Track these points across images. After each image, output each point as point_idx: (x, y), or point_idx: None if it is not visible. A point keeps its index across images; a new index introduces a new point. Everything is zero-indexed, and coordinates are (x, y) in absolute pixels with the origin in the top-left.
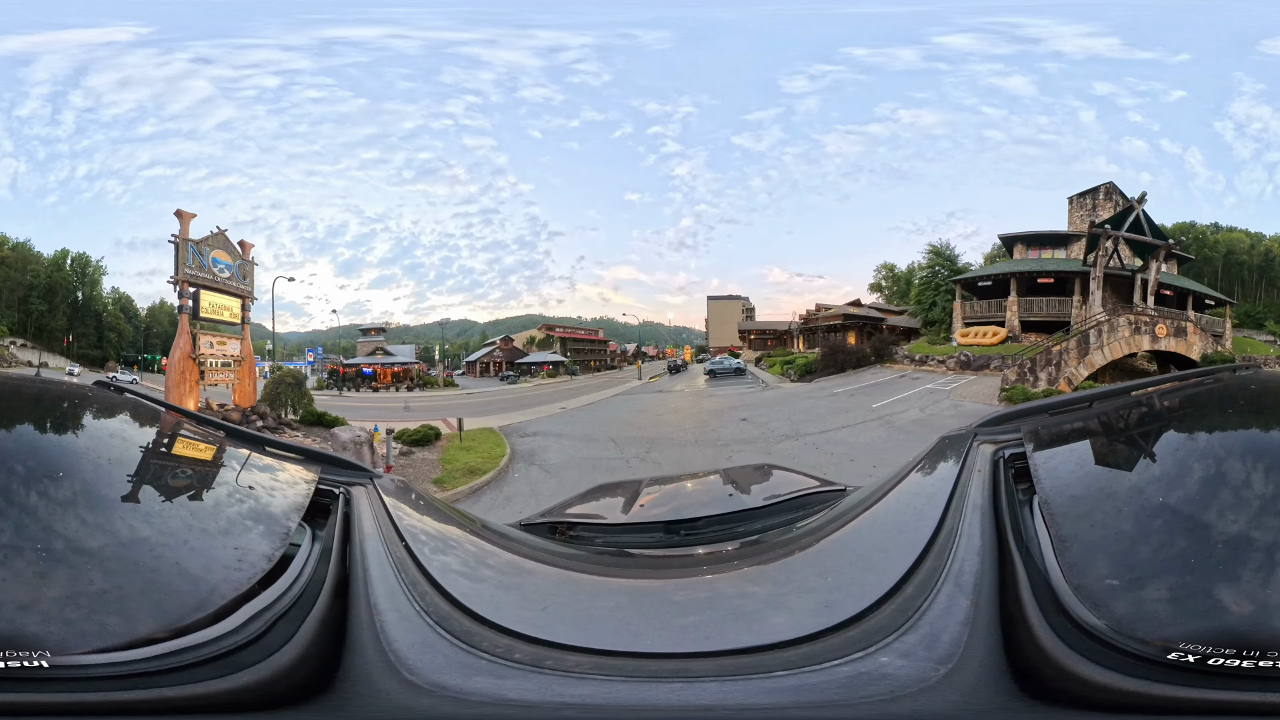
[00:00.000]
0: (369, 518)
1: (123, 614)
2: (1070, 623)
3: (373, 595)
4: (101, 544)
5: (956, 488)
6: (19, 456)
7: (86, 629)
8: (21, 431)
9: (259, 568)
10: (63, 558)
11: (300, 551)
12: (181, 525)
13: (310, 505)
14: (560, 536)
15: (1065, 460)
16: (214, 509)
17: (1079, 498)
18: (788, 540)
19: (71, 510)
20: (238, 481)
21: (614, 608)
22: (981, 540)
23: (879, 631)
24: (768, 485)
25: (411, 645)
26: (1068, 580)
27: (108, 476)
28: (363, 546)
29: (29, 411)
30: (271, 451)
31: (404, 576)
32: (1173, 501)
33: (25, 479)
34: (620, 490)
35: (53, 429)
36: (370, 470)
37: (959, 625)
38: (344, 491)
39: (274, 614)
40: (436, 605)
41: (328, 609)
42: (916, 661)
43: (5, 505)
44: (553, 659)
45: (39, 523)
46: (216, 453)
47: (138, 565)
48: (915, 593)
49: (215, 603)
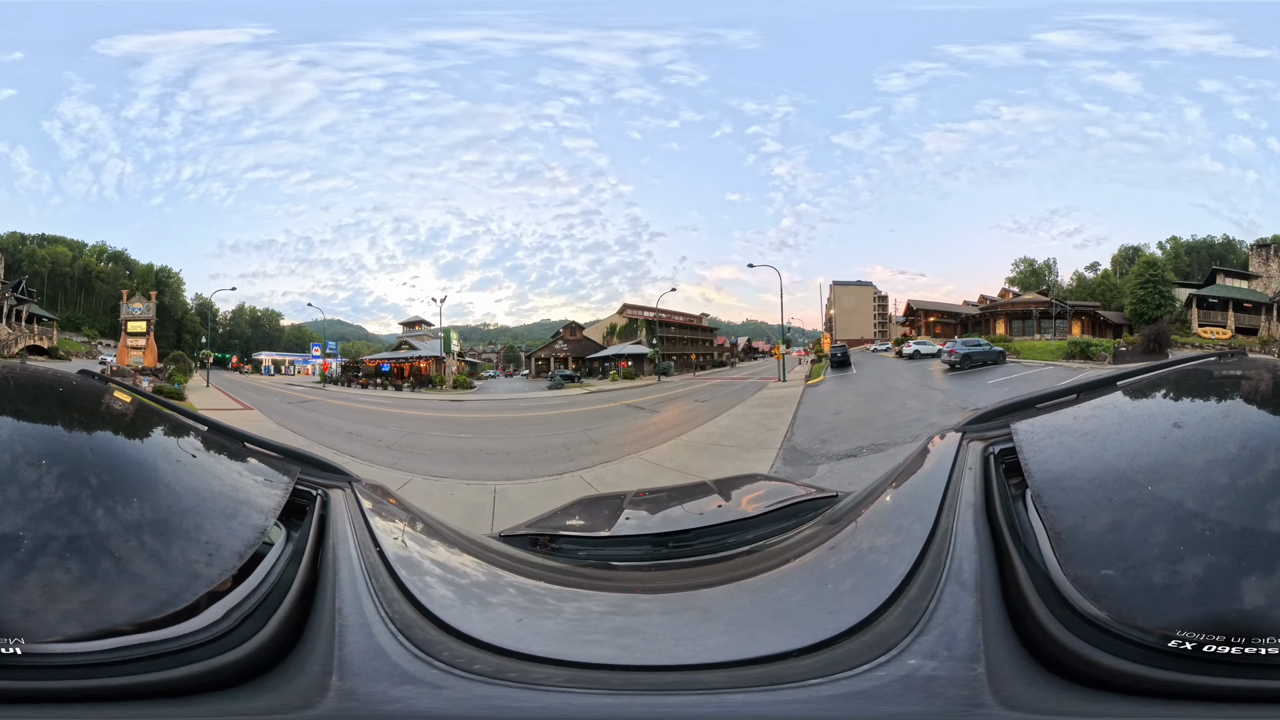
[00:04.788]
0: (344, 521)
1: (93, 605)
2: (1074, 613)
3: (339, 599)
4: (75, 534)
5: (949, 487)
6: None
7: (56, 619)
8: (5, 416)
9: (230, 565)
10: (38, 547)
11: (272, 551)
12: (156, 518)
13: (287, 506)
14: (542, 548)
15: (1055, 454)
16: (189, 503)
17: (1071, 490)
18: (783, 549)
19: (48, 500)
20: (215, 477)
21: (597, 619)
22: (977, 537)
23: (893, 634)
24: (758, 495)
25: (363, 651)
26: (1066, 572)
27: (85, 467)
28: (335, 550)
29: (8, 400)
30: (251, 449)
31: (373, 582)
32: (1163, 491)
33: (3, 468)
34: (606, 503)
35: (31, 418)
36: (349, 474)
37: (971, 623)
38: (321, 493)
39: (241, 613)
40: (402, 612)
41: (291, 610)
42: (943, 661)
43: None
44: (517, 670)
45: (14, 512)
46: (195, 447)
47: (111, 556)
48: (919, 594)
49: (185, 599)
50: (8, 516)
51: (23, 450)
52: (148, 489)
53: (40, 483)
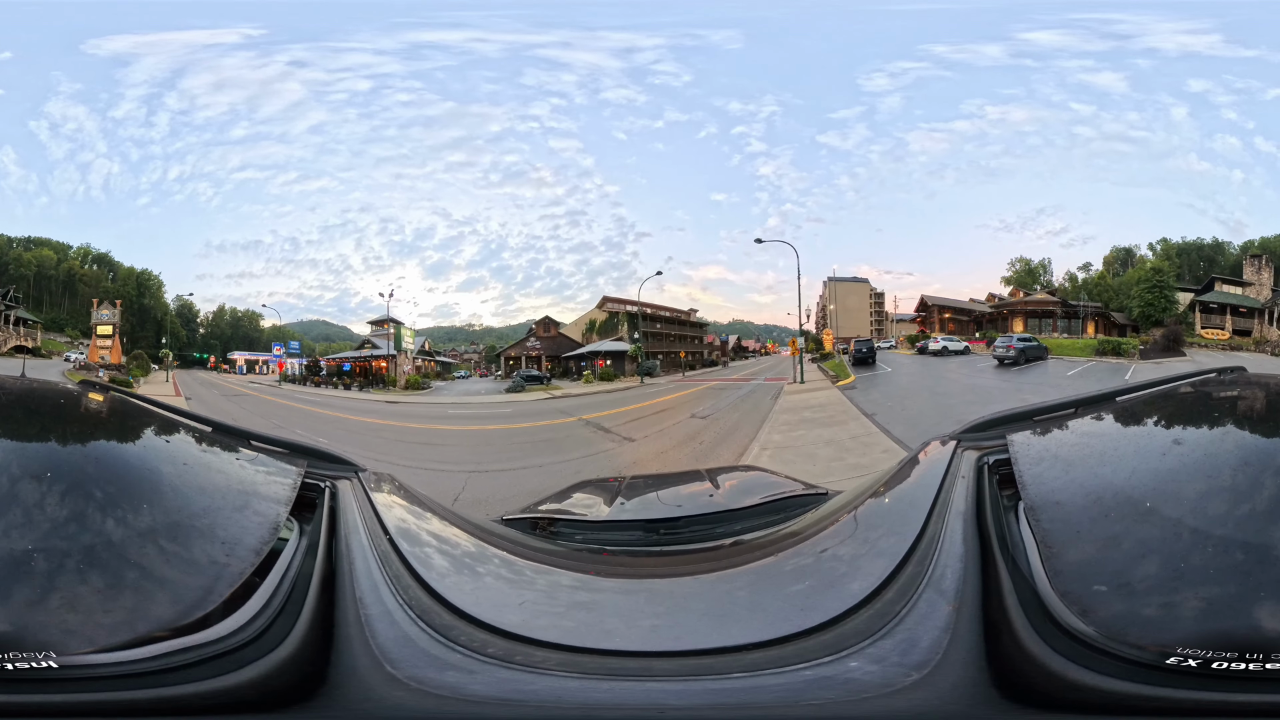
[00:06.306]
0: (354, 511)
1: (121, 613)
2: (1057, 628)
3: (358, 589)
4: (93, 543)
5: (940, 494)
6: (8, 457)
7: (89, 629)
8: (9, 432)
9: (248, 562)
10: (60, 558)
11: (288, 546)
12: (170, 521)
13: (297, 500)
14: (541, 532)
15: (1051, 466)
16: (202, 504)
17: (1065, 504)
18: (768, 542)
19: (64, 510)
20: (224, 476)
21: (588, 604)
22: (964, 546)
23: (854, 636)
24: (750, 487)
25: (394, 639)
26: (1054, 587)
27: (96, 474)
28: (348, 540)
29: (15, 412)
30: (257, 445)
31: (388, 570)
32: (1160, 507)
33: (16, 480)
34: (603, 487)
35: (40, 429)
36: (355, 464)
37: (938, 631)
38: (330, 485)
39: (271, 611)
40: (418, 599)
41: (316, 604)
42: (887, 666)
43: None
44: (523, 654)
45: (33, 523)
46: (203, 448)
47: (130, 563)
48: (895, 598)
49: (213, 600)
50: (23, 529)
51: (30, 462)
52: (160, 493)
53: (53, 494)
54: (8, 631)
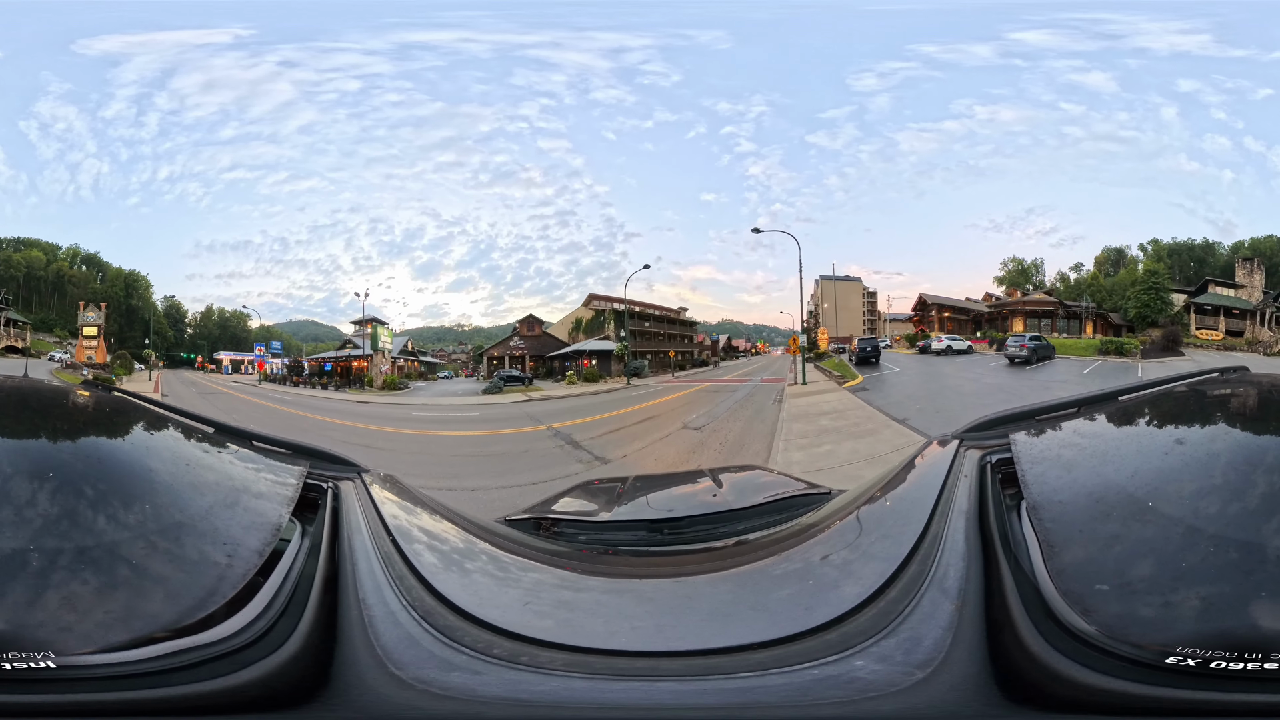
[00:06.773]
0: (357, 512)
1: (122, 613)
2: (1059, 628)
3: (361, 590)
4: (95, 543)
5: (942, 493)
6: (10, 457)
7: (89, 629)
8: (12, 432)
9: (251, 563)
10: (60, 558)
11: (290, 547)
12: (172, 522)
13: (300, 500)
14: (545, 532)
15: (1053, 466)
16: (204, 505)
17: (1068, 503)
18: (771, 542)
19: (65, 510)
20: (227, 476)
21: (592, 605)
22: (967, 546)
23: (857, 635)
24: (753, 487)
25: (398, 640)
26: (1056, 586)
27: (98, 475)
28: (350, 541)
29: (18, 412)
30: (259, 446)
31: (391, 571)
32: (1162, 506)
33: (18, 480)
34: (606, 488)
35: (43, 429)
36: (358, 465)
37: (942, 630)
38: (332, 486)
39: (274, 612)
40: (422, 599)
41: (319, 604)
42: (892, 666)
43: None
44: (528, 655)
45: (35, 523)
46: (205, 448)
47: (132, 563)
48: (898, 597)
49: (215, 601)
50: (24, 529)
51: (32, 462)
52: (162, 494)
53: (53, 493)
54: (6, 631)
